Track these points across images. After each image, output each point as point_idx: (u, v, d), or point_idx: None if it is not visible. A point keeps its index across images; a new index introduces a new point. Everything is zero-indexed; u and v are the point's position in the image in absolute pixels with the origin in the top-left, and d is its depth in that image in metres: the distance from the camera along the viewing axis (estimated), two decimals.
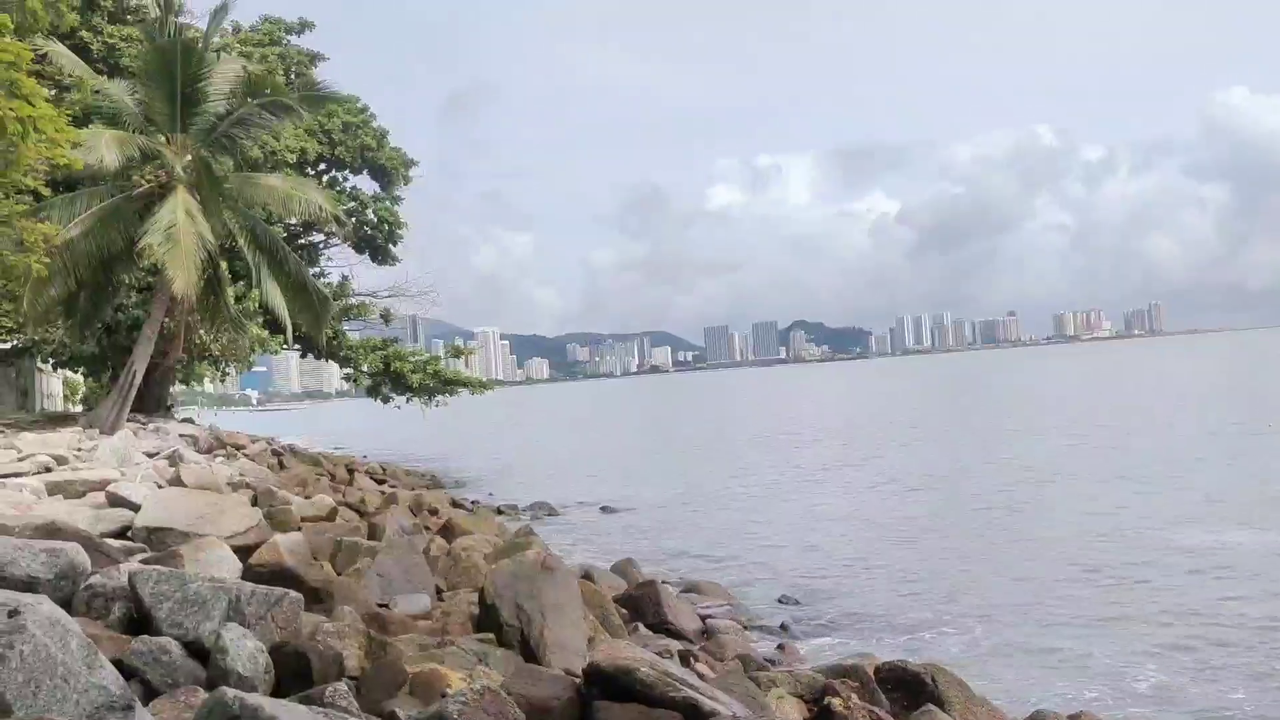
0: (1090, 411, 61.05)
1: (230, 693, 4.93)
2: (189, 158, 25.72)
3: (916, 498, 30.04)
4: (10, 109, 13.17)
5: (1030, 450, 40.30)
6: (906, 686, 10.17)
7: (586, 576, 16.54)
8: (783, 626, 16.42)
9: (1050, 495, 28.74)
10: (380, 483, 34.11)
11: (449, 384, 47.44)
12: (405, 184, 45.72)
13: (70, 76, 26.39)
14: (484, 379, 55.62)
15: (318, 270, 43.82)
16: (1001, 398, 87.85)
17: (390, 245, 45.25)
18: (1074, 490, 29.26)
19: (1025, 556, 20.32)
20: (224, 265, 28.63)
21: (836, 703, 10.44)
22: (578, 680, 8.46)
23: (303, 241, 43.20)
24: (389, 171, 44.33)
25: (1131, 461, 34.20)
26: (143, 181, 25.61)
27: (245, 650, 7.00)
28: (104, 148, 22.82)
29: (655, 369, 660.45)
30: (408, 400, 47.45)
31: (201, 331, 34.28)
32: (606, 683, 8.07)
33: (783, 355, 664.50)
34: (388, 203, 45.05)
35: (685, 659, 12.45)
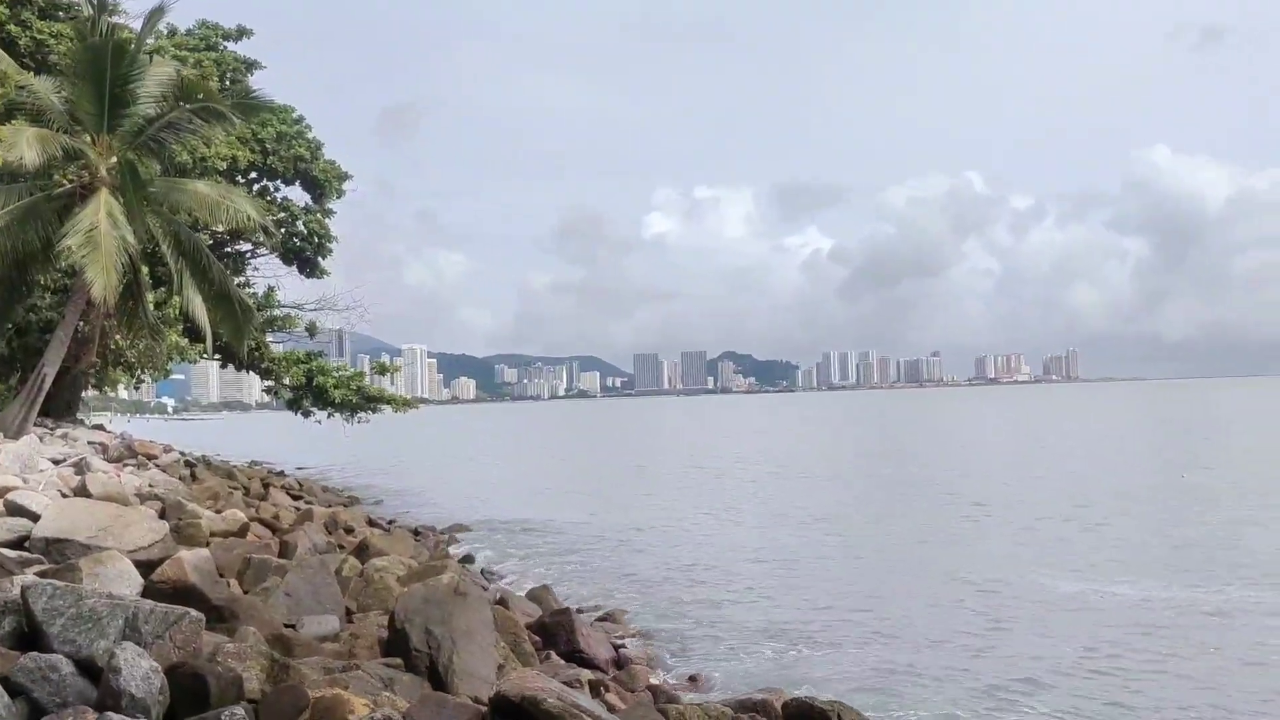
0: (1002, 456, 62.35)
1: (115, 718, 4.79)
2: (114, 159, 25.12)
3: (830, 533, 30.33)
4: None
5: (933, 492, 41.04)
6: None
7: (501, 602, 16.43)
8: (695, 657, 16.44)
9: (953, 535, 29.23)
10: (296, 499, 33.51)
11: (372, 401, 46.84)
12: (338, 197, 45.18)
13: None
14: (408, 397, 55.01)
15: (243, 280, 43.04)
16: (917, 438, 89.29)
17: (319, 258, 44.65)
18: (976, 530, 29.90)
19: (933, 599, 20.62)
20: (145, 270, 27.98)
21: None
22: (483, 709, 8.39)
23: (229, 250, 42.44)
24: (322, 184, 43.77)
25: (1034, 507, 34.93)
26: (65, 181, 24.97)
27: (139, 670, 6.81)
28: (25, 145, 22.18)
29: (583, 394, 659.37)
30: (329, 415, 46.74)
31: (118, 337, 33.40)
32: (512, 712, 8.01)
33: (710, 385, 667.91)
34: (319, 215, 44.46)
35: (596, 689, 12.41)
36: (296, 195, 44.67)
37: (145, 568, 11.33)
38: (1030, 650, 16.27)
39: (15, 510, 13.63)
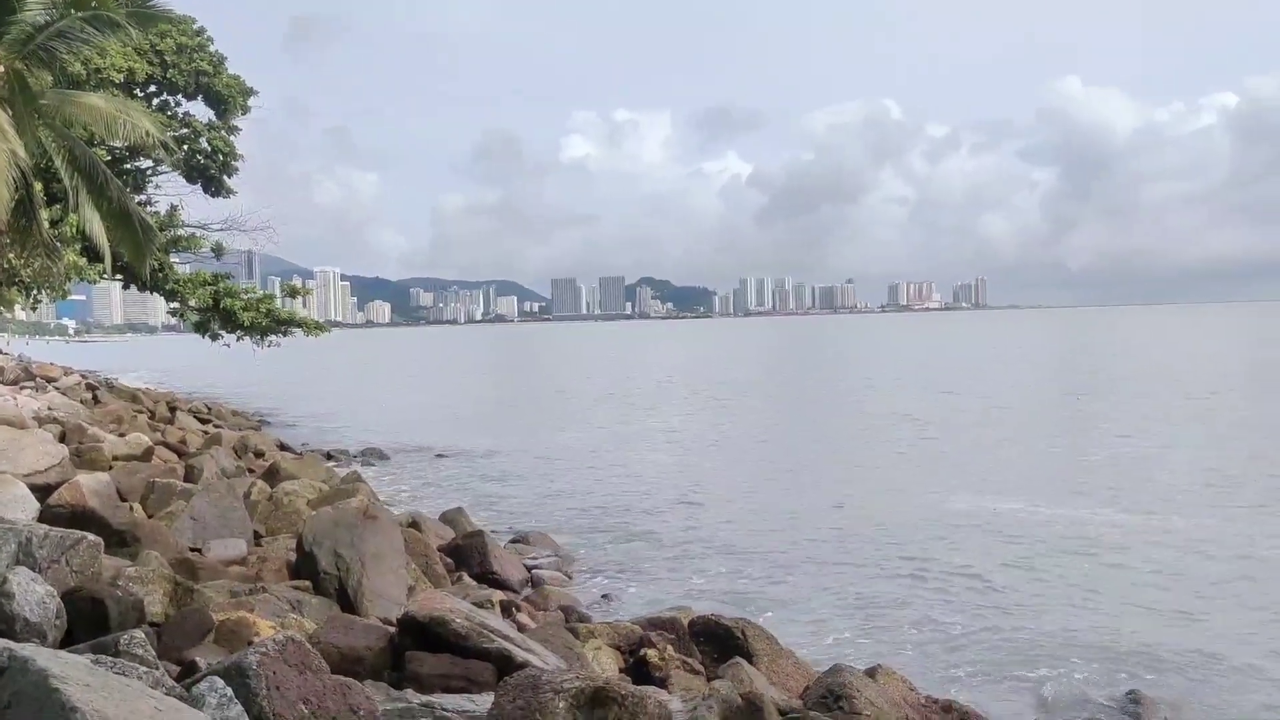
0: (912, 381, 63.84)
1: (6, 645, 4.71)
2: (1, 70, 23.87)
3: (745, 456, 30.88)
4: None
5: (846, 415, 41.98)
6: (717, 639, 10.50)
7: (413, 525, 16.41)
8: (606, 578, 16.70)
9: (860, 458, 29.94)
10: (204, 422, 32.94)
11: (282, 324, 45.78)
12: (243, 114, 43.59)
13: None
14: (320, 320, 53.98)
15: (144, 198, 41.52)
16: (832, 363, 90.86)
17: (225, 177, 43.17)
18: (882, 454, 30.70)
19: (837, 518, 21.18)
20: (39, 187, 26.80)
21: (651, 654, 10.72)
22: (392, 630, 8.42)
23: (128, 167, 40.83)
24: (225, 99, 42.17)
25: (936, 430, 35.98)
26: None
27: (34, 595, 6.68)
28: None
29: (500, 318, 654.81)
30: (238, 338, 45.70)
31: (11, 256, 32.05)
32: (420, 633, 8.06)
33: (628, 311, 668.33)
34: (223, 132, 42.91)
35: (507, 609, 12.55)
36: (199, 111, 43.00)
37: (43, 492, 11.06)
38: (920, 565, 16.88)
39: None
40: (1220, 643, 12.76)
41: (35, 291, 40.45)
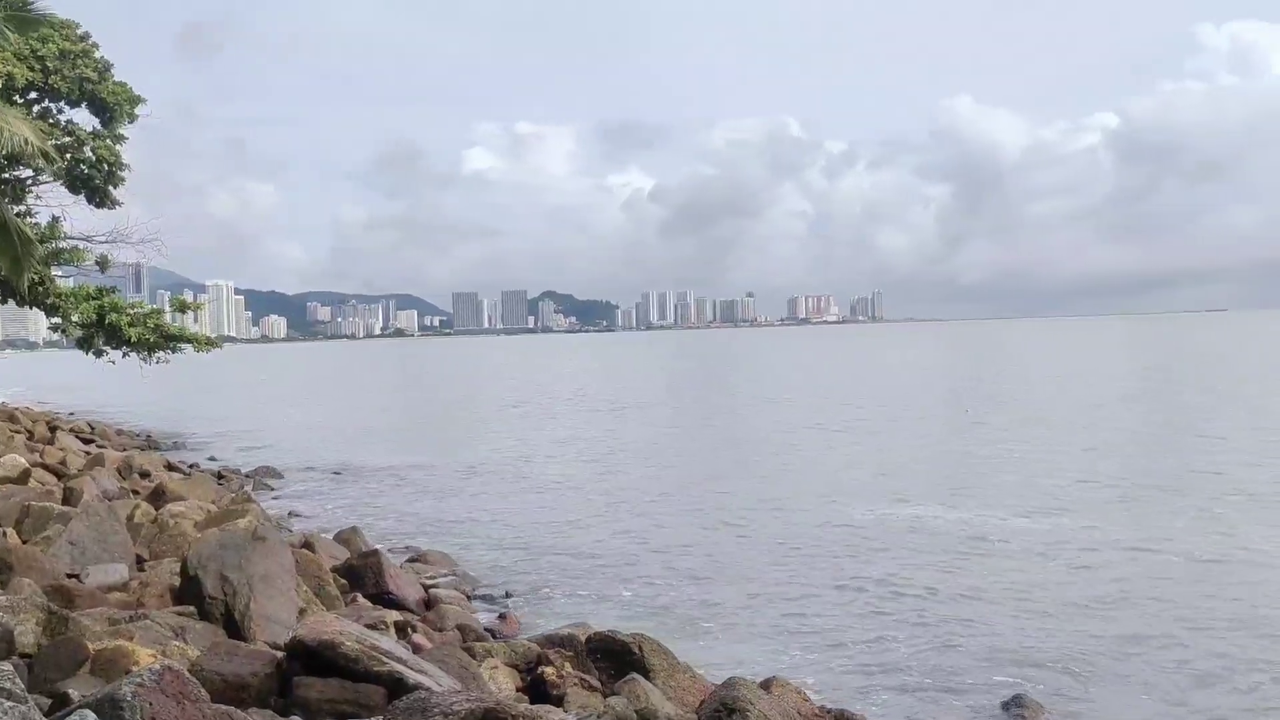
0: (809, 393, 64.91)
1: None
2: None
3: (647, 470, 30.97)
4: None
5: (749, 426, 42.50)
6: (614, 655, 10.49)
7: (307, 545, 16.06)
8: (507, 596, 16.56)
9: (762, 470, 30.31)
10: (87, 442, 31.81)
11: (172, 339, 44.36)
12: (131, 121, 42.22)
13: None
14: (212, 335, 52.49)
15: (23, 209, 39.95)
16: (733, 376, 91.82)
17: (110, 187, 41.71)
18: (783, 465, 31.17)
19: (737, 531, 21.40)
20: None
21: (549, 672, 10.67)
22: (279, 655, 8.22)
23: (6, 176, 39.24)
24: (111, 107, 40.81)
25: (838, 440, 36.66)
26: None
27: None
28: None
29: (401, 332, 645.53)
30: (125, 355, 44.17)
31: None
32: (310, 657, 7.87)
33: (531, 324, 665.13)
34: (108, 141, 41.54)
35: (403, 630, 12.34)
36: (84, 119, 41.58)
37: None
38: (819, 575, 17.19)
39: None
40: (1103, 644, 13.22)
41: None
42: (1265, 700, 11.42)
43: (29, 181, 41.88)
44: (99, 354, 44.52)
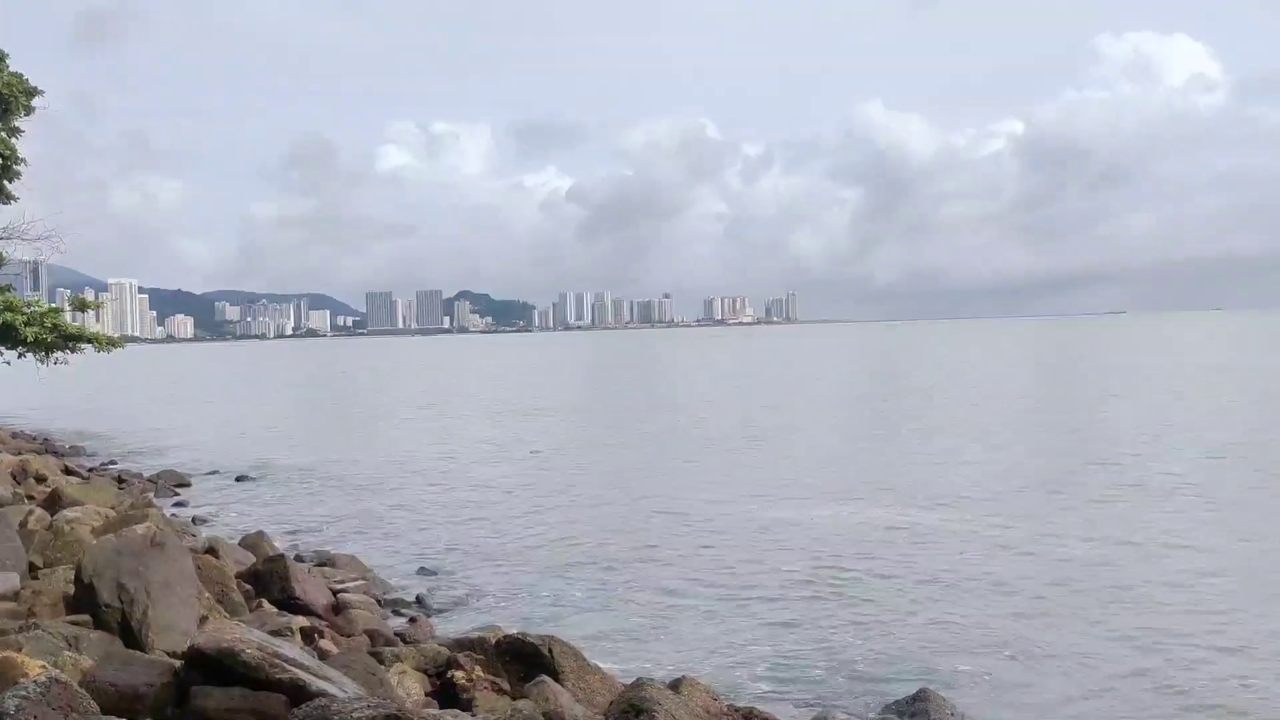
0: (729, 393, 65.50)
1: None
2: None
3: (563, 470, 30.87)
4: None
5: (665, 428, 42.71)
6: (524, 658, 10.45)
7: (210, 551, 15.69)
8: (418, 600, 16.40)
9: (677, 471, 30.46)
10: None
11: (71, 339, 42.97)
12: (27, 114, 40.83)
13: None
14: (114, 335, 50.91)
15: None
16: (650, 376, 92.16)
17: (5, 181, 40.36)
18: (693, 462, 31.50)
19: (651, 532, 21.43)
20: None
21: (458, 675, 10.59)
22: (177, 664, 8.01)
23: None
24: (6, 99, 39.42)
25: (756, 440, 37.06)
26: None
27: None
28: None
29: (312, 333, 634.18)
30: (20, 355, 42.62)
31: None
32: (208, 666, 7.68)
33: (447, 325, 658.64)
34: (3, 134, 40.10)
35: (310, 636, 12.12)
36: None
37: None
38: (731, 575, 17.33)
39: None
40: (1010, 639, 13.56)
41: None
42: (1167, 680, 11.85)
43: None
44: None
